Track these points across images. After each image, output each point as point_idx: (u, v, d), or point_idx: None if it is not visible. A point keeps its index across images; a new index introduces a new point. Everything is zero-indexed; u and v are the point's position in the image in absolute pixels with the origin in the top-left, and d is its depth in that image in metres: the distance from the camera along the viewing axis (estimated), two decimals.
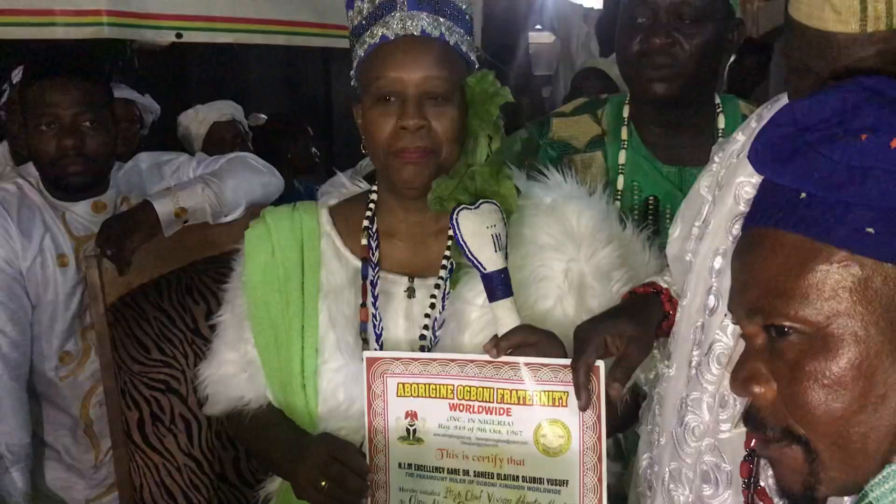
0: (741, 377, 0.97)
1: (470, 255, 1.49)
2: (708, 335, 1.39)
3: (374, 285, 1.66)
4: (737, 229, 1.39)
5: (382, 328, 1.64)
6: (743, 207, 1.40)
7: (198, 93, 5.27)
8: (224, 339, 1.75)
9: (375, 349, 1.61)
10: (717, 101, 2.03)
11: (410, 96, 1.53)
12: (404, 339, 1.64)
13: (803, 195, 0.90)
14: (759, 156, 0.96)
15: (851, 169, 0.87)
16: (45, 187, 2.46)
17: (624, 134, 2.04)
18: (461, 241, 1.48)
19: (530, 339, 1.46)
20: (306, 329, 1.65)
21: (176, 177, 2.56)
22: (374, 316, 1.65)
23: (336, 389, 1.62)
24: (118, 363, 2.18)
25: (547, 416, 1.45)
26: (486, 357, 1.46)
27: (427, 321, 1.63)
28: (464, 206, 1.51)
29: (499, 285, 1.49)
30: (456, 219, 1.49)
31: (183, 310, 2.25)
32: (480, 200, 1.52)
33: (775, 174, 0.93)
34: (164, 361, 2.20)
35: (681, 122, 2.00)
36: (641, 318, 1.50)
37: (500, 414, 1.47)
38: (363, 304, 1.65)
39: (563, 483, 1.45)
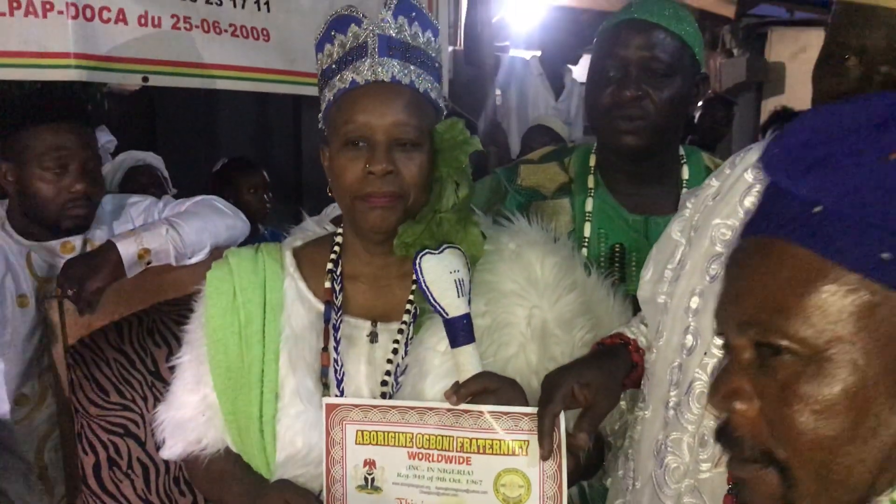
0: (723, 391, 0.91)
1: (432, 301, 1.48)
2: (686, 375, 1.40)
3: (336, 329, 1.64)
4: (714, 269, 1.41)
5: (344, 373, 1.62)
6: (719, 248, 1.42)
7: (168, 137, 5.26)
8: (183, 381, 1.71)
9: (336, 395, 1.59)
10: (682, 152, 2.05)
11: (379, 142, 1.52)
12: (366, 384, 1.62)
13: (818, 208, 0.84)
14: (774, 160, 0.90)
15: (876, 189, 0.82)
16: (21, 227, 2.43)
17: (590, 182, 2.06)
18: (424, 287, 1.48)
19: (491, 386, 1.45)
20: (266, 373, 1.62)
21: (142, 218, 2.55)
22: (336, 361, 1.62)
23: (295, 436, 1.59)
24: (76, 406, 2.14)
25: (507, 466, 1.44)
26: (447, 405, 1.45)
27: (389, 367, 1.61)
28: (427, 250, 1.50)
29: (461, 331, 1.48)
30: (419, 263, 1.49)
31: (143, 352, 2.21)
32: (444, 245, 1.52)
33: (791, 182, 0.87)
34: (123, 405, 2.16)
35: (646, 173, 2.02)
36: (609, 369, 1.50)
37: (459, 463, 1.46)
38: (325, 349, 1.63)
39: None
